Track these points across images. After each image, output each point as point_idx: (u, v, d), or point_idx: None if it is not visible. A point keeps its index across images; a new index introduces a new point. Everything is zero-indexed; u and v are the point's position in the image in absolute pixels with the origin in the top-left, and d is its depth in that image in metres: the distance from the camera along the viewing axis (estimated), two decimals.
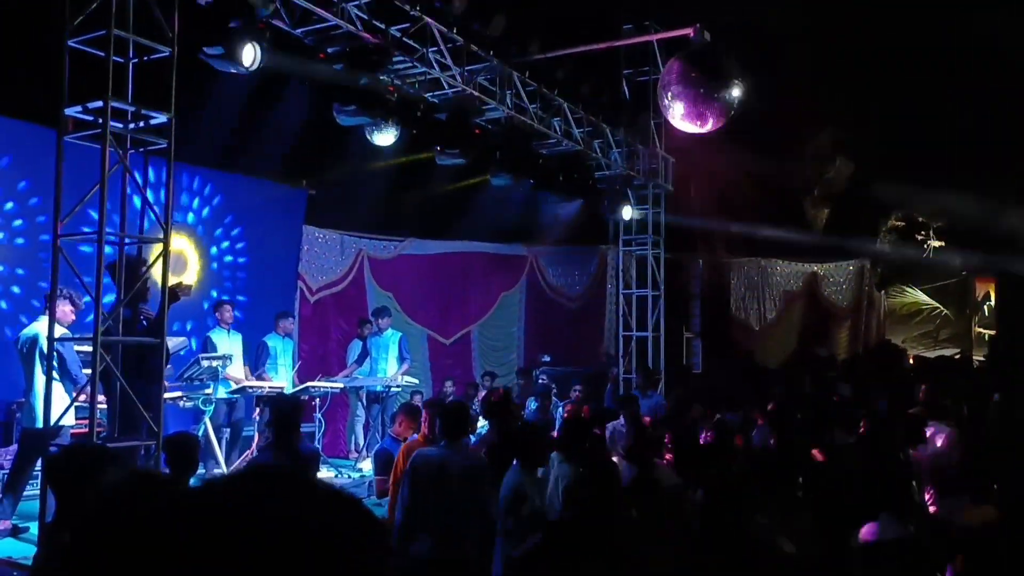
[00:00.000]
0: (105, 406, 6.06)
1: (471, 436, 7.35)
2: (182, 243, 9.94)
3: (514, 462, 5.12)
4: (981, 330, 18.43)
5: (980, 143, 15.18)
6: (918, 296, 18.82)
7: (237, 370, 8.97)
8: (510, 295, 14.59)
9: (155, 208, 6.21)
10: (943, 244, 18.65)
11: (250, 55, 6.74)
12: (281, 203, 11.38)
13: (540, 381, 12.16)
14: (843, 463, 5.67)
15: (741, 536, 3.78)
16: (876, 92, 15.54)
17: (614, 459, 5.92)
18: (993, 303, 17.38)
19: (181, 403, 8.36)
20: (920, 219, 18.88)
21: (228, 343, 9.03)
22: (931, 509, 5.28)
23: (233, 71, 6.86)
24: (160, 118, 5.92)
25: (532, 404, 10.26)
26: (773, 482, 4.64)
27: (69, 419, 6.24)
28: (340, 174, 11.08)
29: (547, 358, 13.26)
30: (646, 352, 13.36)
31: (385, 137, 9.23)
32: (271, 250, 11.12)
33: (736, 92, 9.36)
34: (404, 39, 8.52)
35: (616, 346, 13.80)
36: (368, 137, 9.28)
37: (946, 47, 14.24)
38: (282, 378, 9.59)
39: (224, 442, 8.66)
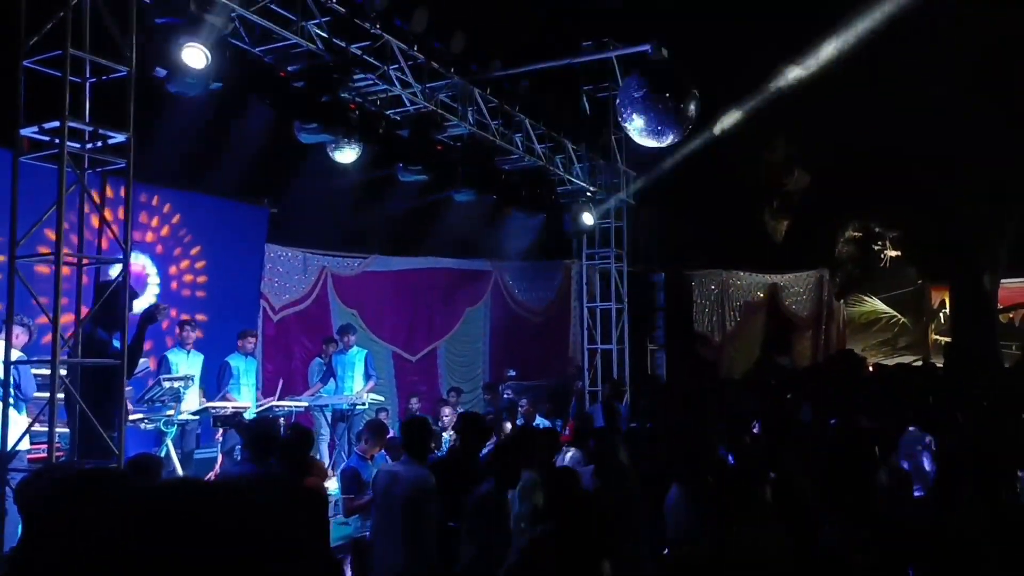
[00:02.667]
0: (66, 429, 5.97)
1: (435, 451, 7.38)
2: (142, 263, 9.82)
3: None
4: (937, 337, 18.82)
5: (933, 154, 15.54)
6: (876, 305, 19.18)
7: (192, 394, 8.81)
8: (475, 310, 14.60)
9: (114, 228, 6.14)
10: (899, 254, 19.03)
11: (198, 58, 6.71)
12: (242, 221, 11.30)
13: (505, 396, 12.17)
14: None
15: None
16: (832, 104, 15.85)
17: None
18: (948, 310, 17.76)
19: (143, 425, 8.22)
20: (877, 229, 19.26)
21: (186, 364, 8.90)
22: None
23: (186, 88, 6.83)
24: (118, 137, 5.86)
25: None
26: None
27: (24, 443, 6.13)
28: (302, 192, 11.03)
29: (513, 372, 13.28)
30: (611, 365, 13.45)
31: (347, 154, 9.23)
32: (232, 269, 11.02)
33: (693, 107, 9.52)
34: (365, 57, 8.54)
35: (581, 359, 13.87)
36: (330, 155, 9.28)
37: (901, 57, 14.58)
38: (245, 398, 9.49)
39: None
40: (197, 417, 8.72)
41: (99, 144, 5.96)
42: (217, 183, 10.58)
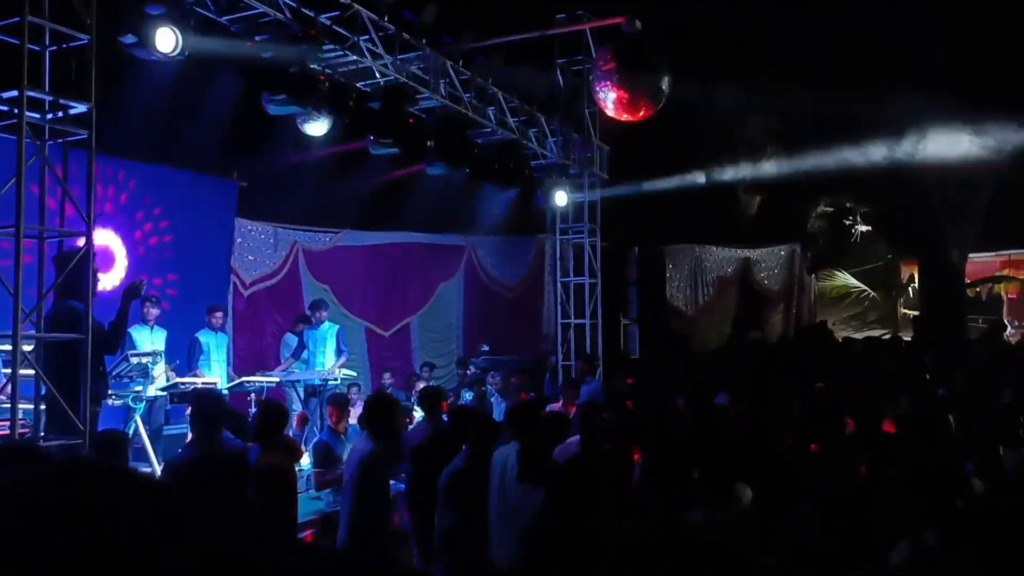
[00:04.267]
0: (31, 406, 5.87)
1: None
2: (107, 237, 9.65)
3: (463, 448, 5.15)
4: (906, 311, 19.05)
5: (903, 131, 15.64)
6: (847, 279, 19.36)
7: (159, 370, 8.70)
8: (449, 286, 14.56)
9: (76, 201, 6.01)
10: (870, 229, 19.19)
11: (169, 41, 6.57)
12: (211, 195, 11.14)
13: (471, 371, 12.17)
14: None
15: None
16: (804, 79, 15.87)
17: None
18: (917, 285, 17.96)
19: (111, 401, 8.11)
20: (848, 205, 19.39)
21: (150, 340, 8.78)
22: None
23: (154, 59, 6.69)
24: (80, 108, 5.73)
25: (467, 394, 10.30)
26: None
27: None
28: (272, 165, 10.88)
29: (486, 347, 13.27)
30: (584, 339, 13.47)
31: (317, 127, 9.10)
32: (201, 244, 10.88)
33: (667, 81, 9.49)
34: (335, 27, 8.40)
35: (554, 334, 13.89)
36: (300, 127, 9.14)
37: (873, 31, 14.61)
38: (216, 374, 9.41)
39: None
40: (165, 393, 8.63)
41: (60, 115, 5.82)
42: (185, 156, 10.40)
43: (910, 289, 19.05)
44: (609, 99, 9.71)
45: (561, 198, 12.65)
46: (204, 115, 9.80)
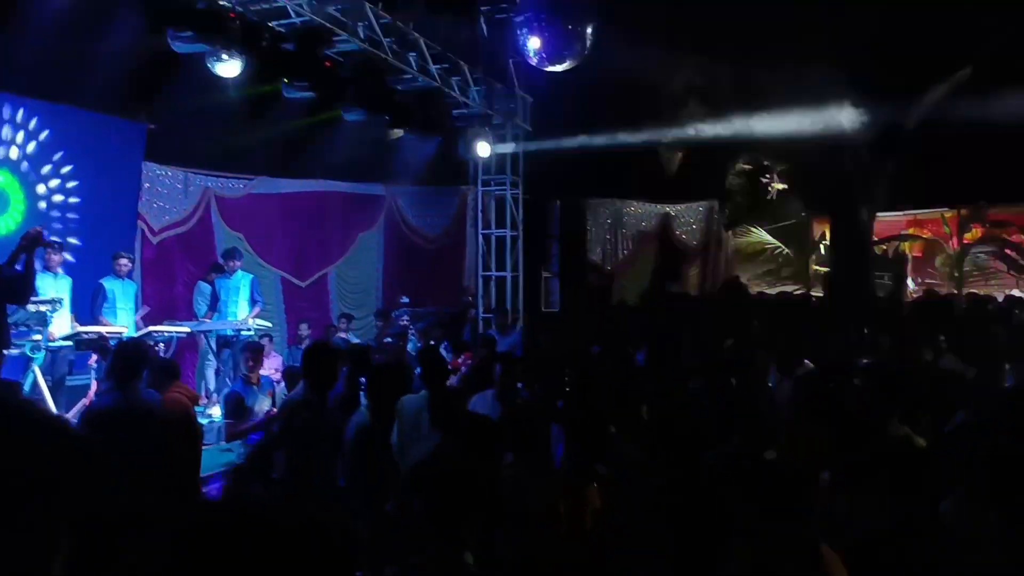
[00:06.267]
0: None
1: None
2: (4, 181, 9.16)
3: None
4: (817, 267, 19.61)
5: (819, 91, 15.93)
6: (762, 236, 19.76)
7: (63, 319, 8.36)
8: (368, 236, 14.34)
9: None
10: (786, 187, 19.60)
11: None
12: (117, 138, 10.63)
13: (402, 322, 12.05)
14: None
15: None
16: (729, 35, 15.97)
17: None
18: (828, 242, 18.46)
19: (9, 351, 7.76)
20: (765, 163, 19.73)
21: (53, 287, 8.40)
22: None
23: None
24: None
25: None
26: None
27: None
28: (182, 107, 10.37)
29: (406, 299, 13.16)
30: (505, 292, 13.50)
31: (229, 67, 8.74)
32: (107, 188, 10.41)
33: (591, 31, 9.42)
34: None
35: (475, 286, 13.87)
36: (210, 68, 8.76)
37: None
38: (123, 322, 9.09)
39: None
40: (69, 343, 8.31)
41: None
42: (89, 96, 9.85)
43: (821, 246, 19.57)
44: (531, 47, 9.59)
45: (483, 149, 12.54)
46: (108, 52, 9.27)
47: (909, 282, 18.78)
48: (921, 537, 2.85)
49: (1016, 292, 16.73)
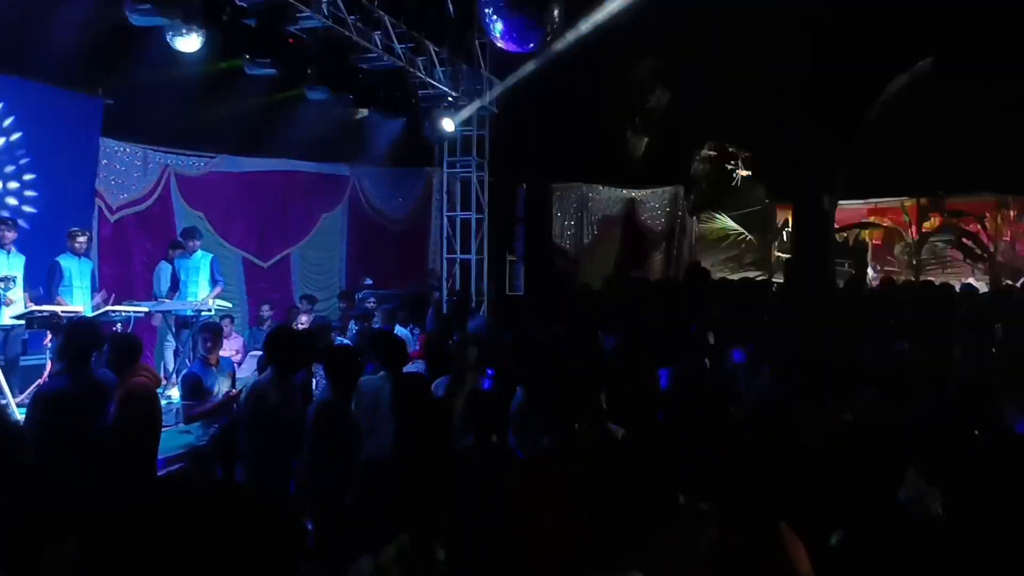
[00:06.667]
0: None
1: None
2: None
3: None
4: (779, 254, 19.80)
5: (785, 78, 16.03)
6: (726, 222, 19.90)
7: (16, 297, 8.18)
8: (331, 216, 14.21)
9: None
10: (750, 173, 19.73)
11: None
12: (73, 112, 10.39)
13: (368, 304, 11.96)
14: None
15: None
16: (696, 21, 16.01)
17: None
18: (790, 229, 18.63)
19: None
20: (730, 149, 19.85)
21: (5, 265, 8.21)
22: None
23: None
24: None
25: (354, 327, 10.14)
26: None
27: None
28: (141, 82, 10.13)
29: (369, 281, 13.07)
30: (469, 275, 13.46)
31: (189, 42, 8.57)
32: (62, 164, 10.17)
33: (557, 12, 9.37)
34: None
35: (440, 268, 13.82)
36: (169, 42, 8.58)
37: None
38: (79, 301, 8.90)
39: None
40: (22, 322, 8.12)
41: None
42: (44, 69, 9.61)
43: (784, 233, 19.75)
44: (496, 28, 9.52)
45: (448, 124, 12.43)
46: (64, 23, 9.04)
47: (869, 270, 19.05)
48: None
49: (971, 280, 17.05)
